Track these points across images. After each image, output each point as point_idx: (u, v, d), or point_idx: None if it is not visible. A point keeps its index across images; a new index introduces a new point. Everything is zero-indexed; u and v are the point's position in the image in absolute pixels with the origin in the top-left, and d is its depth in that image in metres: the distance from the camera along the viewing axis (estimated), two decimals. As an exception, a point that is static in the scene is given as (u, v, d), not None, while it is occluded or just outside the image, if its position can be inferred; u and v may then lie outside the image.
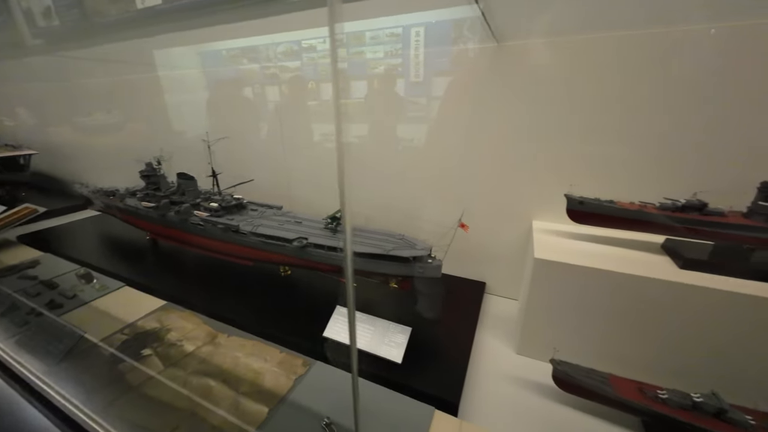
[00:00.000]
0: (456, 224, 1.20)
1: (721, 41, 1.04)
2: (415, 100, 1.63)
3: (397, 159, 1.73)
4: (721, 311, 0.92)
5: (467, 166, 1.57)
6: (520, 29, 1.28)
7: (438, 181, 1.64)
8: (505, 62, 1.33)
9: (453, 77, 1.49)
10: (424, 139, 1.64)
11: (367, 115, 1.77)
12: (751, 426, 0.79)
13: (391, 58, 1.60)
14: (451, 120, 1.54)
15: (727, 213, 0.98)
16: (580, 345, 1.11)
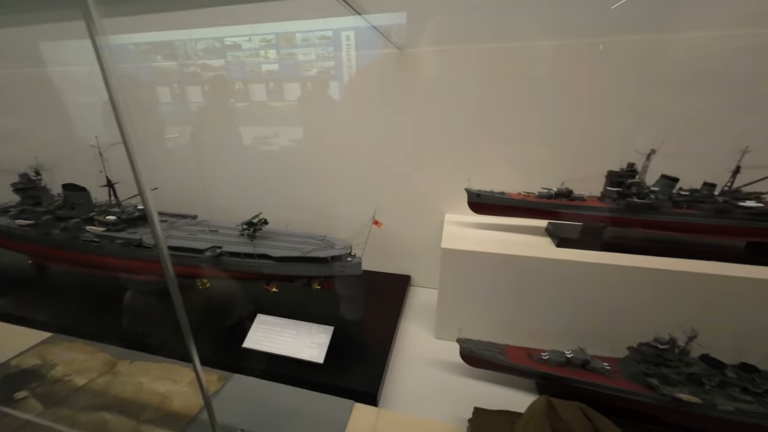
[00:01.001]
0: (370, 222, 1.25)
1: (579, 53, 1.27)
2: (332, 102, 1.66)
3: (317, 160, 1.74)
4: (585, 279, 1.11)
5: (385, 166, 1.64)
6: (419, 37, 1.38)
7: (357, 181, 1.68)
8: (409, 67, 1.43)
9: (366, 80, 1.54)
10: (342, 140, 1.68)
11: (295, 117, 1.75)
12: (607, 371, 0.97)
13: (324, 60, 1.59)
14: (367, 121, 1.60)
15: (587, 198, 1.18)
16: (485, 322, 1.24)
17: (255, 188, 1.84)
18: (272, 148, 1.82)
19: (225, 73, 1.73)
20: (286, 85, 1.67)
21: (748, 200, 1.02)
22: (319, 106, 1.67)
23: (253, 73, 1.69)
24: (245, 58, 1.67)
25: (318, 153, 1.73)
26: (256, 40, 1.63)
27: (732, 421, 0.85)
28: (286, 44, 1.60)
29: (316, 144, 1.73)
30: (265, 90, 1.72)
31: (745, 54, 1.17)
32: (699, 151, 1.16)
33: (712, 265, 1.04)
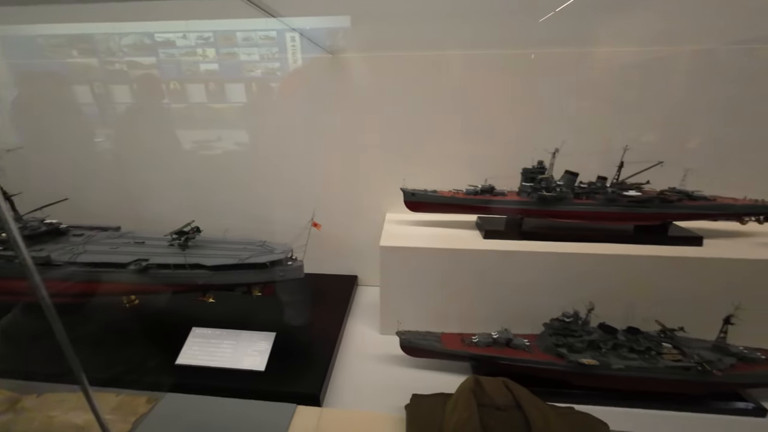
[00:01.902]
0: (309, 224, 1.26)
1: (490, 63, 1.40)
2: (272, 105, 1.63)
3: (257, 164, 1.70)
4: (507, 266, 1.24)
5: (325, 169, 1.65)
6: (354, 43, 1.43)
7: (297, 185, 1.67)
8: (346, 71, 1.46)
9: (305, 83, 1.54)
10: (281, 144, 1.66)
11: (233, 120, 1.67)
12: (527, 346, 1.09)
13: (266, 61, 1.54)
14: (307, 124, 1.59)
15: (507, 193, 1.31)
16: (425, 314, 1.31)
17: (191, 196, 1.73)
18: (209, 152, 1.74)
19: (157, 72, 1.61)
20: (226, 85, 1.60)
21: (631, 190, 1.22)
22: (258, 109, 1.64)
23: (191, 73, 1.60)
24: (181, 57, 1.57)
25: (257, 157, 1.69)
26: (192, 38, 1.55)
27: (623, 377, 1.01)
28: (226, 43, 1.54)
29: (256, 148, 1.69)
30: (204, 90, 1.62)
31: (634, 67, 1.40)
32: (594, 149, 1.35)
33: (607, 246, 1.22)
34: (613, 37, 1.37)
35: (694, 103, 1.41)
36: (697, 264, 1.16)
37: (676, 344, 1.05)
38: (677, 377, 0.99)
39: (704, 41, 1.35)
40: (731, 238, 1.26)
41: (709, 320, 1.08)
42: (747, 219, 1.23)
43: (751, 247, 1.21)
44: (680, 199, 1.21)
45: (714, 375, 0.96)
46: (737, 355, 1.02)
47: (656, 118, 1.44)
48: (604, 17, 1.33)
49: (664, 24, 1.36)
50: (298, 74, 1.53)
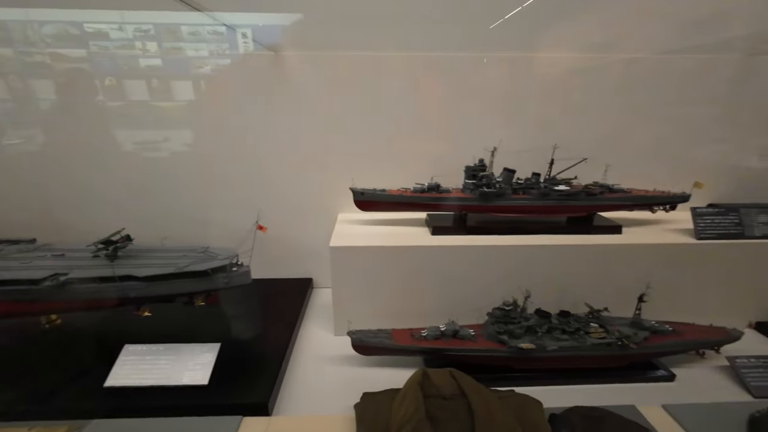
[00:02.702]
0: (254, 227, 1.21)
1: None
2: (216, 104, 1.54)
3: (199, 166, 1.59)
4: (454, 260, 1.29)
5: (275, 170, 1.60)
6: (300, 41, 1.40)
7: (244, 187, 1.60)
8: (296, 69, 1.44)
9: (253, 81, 1.47)
10: (227, 145, 1.58)
11: (174, 119, 1.56)
12: (472, 336, 1.14)
13: (212, 58, 1.45)
14: (255, 124, 1.53)
15: (452, 190, 1.37)
16: (377, 312, 1.32)
17: (125, 202, 1.59)
18: (148, 153, 1.61)
19: (87, 66, 1.46)
20: (163, 83, 1.50)
21: (561, 185, 1.33)
22: (199, 108, 1.53)
23: (129, 68, 1.47)
24: (116, 50, 1.43)
25: (199, 159, 1.59)
26: (129, 30, 1.42)
27: (557, 357, 1.10)
28: (169, 38, 1.43)
29: (197, 149, 1.59)
30: (144, 88, 1.50)
31: (574, 72, 1.54)
32: (532, 147, 1.45)
33: (543, 238, 1.32)
34: (556, 43, 1.49)
35: (618, 106, 1.58)
36: (617, 250, 1.30)
37: (602, 323, 1.17)
38: (602, 353, 1.10)
39: (633, 51, 1.52)
40: (644, 226, 1.43)
41: (629, 299, 1.21)
42: (657, 208, 1.40)
43: (661, 233, 1.38)
44: (602, 192, 1.34)
45: (631, 348, 1.08)
46: (650, 329, 1.15)
47: (589, 118, 1.59)
48: (549, 26, 1.46)
49: (601, 34, 1.52)
50: (240, 72, 1.46)
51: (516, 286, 1.20)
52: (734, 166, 1.72)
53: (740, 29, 1.55)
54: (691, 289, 1.34)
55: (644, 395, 1.11)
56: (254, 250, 1.40)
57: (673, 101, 1.59)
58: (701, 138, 1.66)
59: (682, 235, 1.34)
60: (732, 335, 1.20)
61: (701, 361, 1.23)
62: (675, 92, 1.57)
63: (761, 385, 1.12)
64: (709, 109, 1.62)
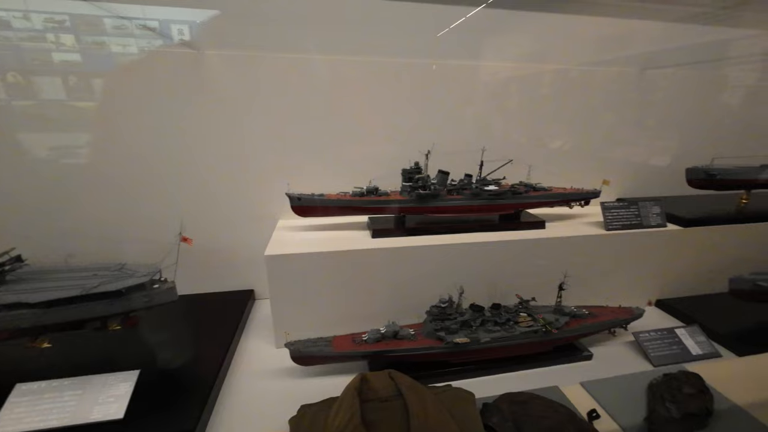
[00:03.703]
0: (177, 239, 1.12)
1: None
2: (139, 107, 1.40)
3: (118, 175, 1.43)
4: (393, 262, 1.30)
5: (205, 178, 1.50)
6: (223, 41, 1.33)
7: (171, 196, 1.48)
8: (229, 70, 1.36)
9: (185, 83, 1.36)
10: (151, 151, 1.44)
11: (88, 122, 1.39)
12: (412, 335, 1.16)
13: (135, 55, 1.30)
14: (184, 131, 1.42)
15: (390, 193, 1.39)
16: (319, 319, 1.29)
17: (20, 218, 1.38)
18: (52, 160, 1.40)
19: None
20: (76, 81, 1.33)
21: (491, 185, 1.42)
22: (120, 110, 1.38)
23: (40, 63, 1.28)
24: (21, 42, 1.25)
25: (118, 167, 1.43)
26: (38, 20, 1.23)
27: (490, 347, 1.16)
28: (88, 30, 1.28)
29: (113, 155, 1.43)
30: (55, 86, 1.31)
31: (512, 80, 1.66)
32: (464, 149, 1.53)
33: (476, 235, 1.39)
34: (497, 53, 1.62)
35: (545, 111, 1.73)
36: (541, 243, 1.41)
37: (530, 312, 1.26)
38: (529, 340, 1.19)
39: (560, 62, 1.69)
40: (564, 220, 1.58)
41: (554, 288, 1.32)
42: (573, 204, 1.55)
43: (577, 226, 1.53)
44: (527, 191, 1.46)
45: (553, 333, 1.18)
46: (570, 314, 1.27)
47: (519, 123, 1.73)
48: (491, 38, 1.58)
49: (534, 46, 1.67)
50: (160, 71, 1.34)
51: (453, 283, 1.24)
52: (641, 164, 1.98)
53: (638, 48, 1.80)
54: (602, 275, 1.51)
55: (567, 375, 1.21)
56: (186, 264, 1.29)
57: (590, 107, 1.78)
58: (613, 140, 1.88)
59: (594, 227, 1.50)
60: (636, 313, 1.37)
61: (613, 339, 1.39)
62: (592, 100, 1.77)
63: (659, 354, 1.29)
64: (620, 114, 1.85)
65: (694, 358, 1.30)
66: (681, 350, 1.32)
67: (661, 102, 1.89)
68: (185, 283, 1.55)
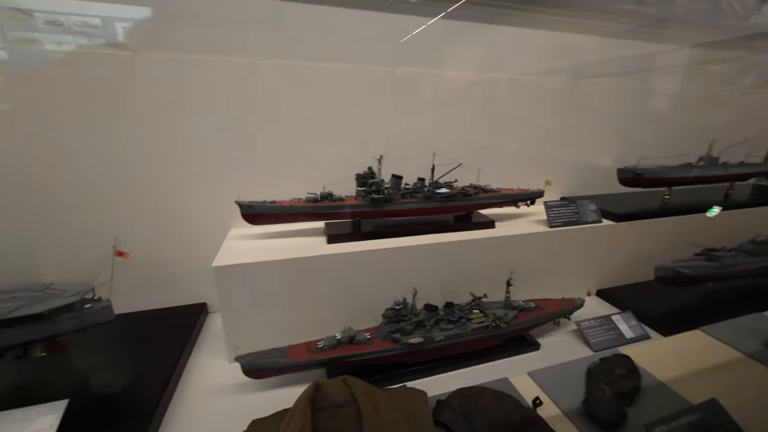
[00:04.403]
0: (111, 253, 1.05)
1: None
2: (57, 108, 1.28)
3: (43, 183, 1.31)
4: (349, 267, 1.30)
5: (148, 186, 1.41)
6: (157, 42, 1.26)
7: (108, 206, 1.38)
8: (173, 73, 1.29)
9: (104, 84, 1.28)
10: (85, 158, 1.33)
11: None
12: (368, 339, 1.17)
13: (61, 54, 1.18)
14: (125, 136, 1.33)
15: (345, 198, 1.40)
16: (274, 330, 1.26)
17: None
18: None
19: None
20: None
21: (443, 188, 1.47)
22: (47, 112, 1.26)
23: None
24: None
25: (46, 174, 1.30)
26: None
27: (444, 345, 1.20)
28: (16, 25, 1.15)
29: (46, 161, 1.30)
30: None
31: (462, 88, 1.73)
32: (417, 154, 1.57)
33: (430, 237, 1.43)
34: (458, 61, 1.69)
35: (498, 117, 1.83)
36: (492, 242, 1.48)
37: (481, 309, 1.32)
38: (481, 335, 1.24)
39: (507, 71, 1.79)
40: (512, 219, 1.67)
41: (504, 284, 1.39)
42: (520, 204, 1.65)
43: (524, 224, 1.62)
44: (477, 192, 1.53)
45: (502, 327, 1.25)
46: (518, 308, 1.35)
47: (474, 128, 1.80)
48: (452, 47, 1.66)
49: (490, 55, 1.76)
50: (88, 73, 1.24)
51: (409, 284, 1.27)
52: (582, 165, 2.13)
53: (575, 59, 1.96)
54: (547, 269, 1.61)
55: (517, 366, 1.28)
56: (127, 279, 1.21)
57: (533, 114, 1.90)
58: (556, 143, 2.02)
59: (539, 225, 1.61)
60: (577, 304, 1.48)
61: (558, 329, 1.49)
62: (536, 106, 1.89)
63: (598, 340, 1.41)
64: (560, 120, 1.99)
65: (628, 341, 1.43)
66: (617, 335, 1.44)
67: (597, 108, 2.06)
68: (127, 300, 1.46)
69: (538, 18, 1.79)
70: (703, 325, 1.45)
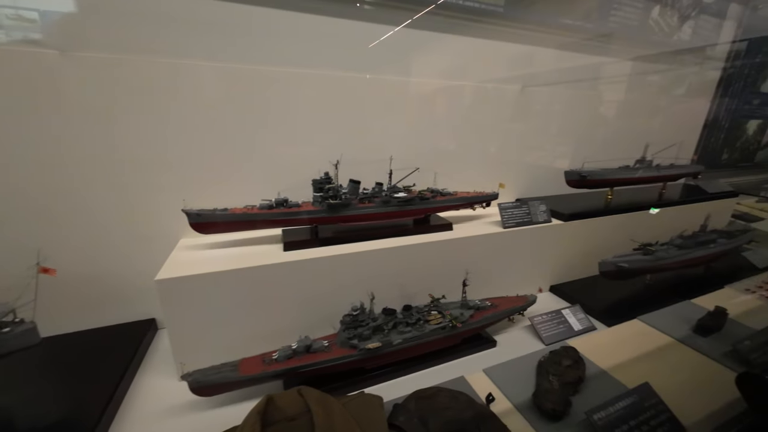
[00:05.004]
0: (34, 270, 0.95)
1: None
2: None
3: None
4: (306, 274, 1.28)
5: (83, 194, 1.30)
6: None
7: (26, 221, 1.26)
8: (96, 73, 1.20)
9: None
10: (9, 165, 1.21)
11: None
12: (326, 347, 1.15)
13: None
14: (55, 137, 1.22)
15: (302, 204, 1.37)
16: (227, 343, 1.20)
17: None
18: None
19: None
20: None
21: (401, 192, 1.49)
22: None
23: None
24: None
25: None
26: None
27: (402, 348, 1.21)
28: None
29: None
30: None
31: (437, 93, 1.78)
32: (376, 159, 1.58)
33: (388, 241, 1.43)
34: (424, 68, 1.74)
35: (452, 124, 1.88)
36: (449, 244, 1.52)
37: (439, 309, 1.34)
38: (439, 336, 1.26)
39: (472, 79, 1.87)
40: (469, 221, 1.73)
41: (461, 285, 1.43)
42: (476, 206, 1.71)
43: (481, 226, 1.68)
44: (434, 196, 1.56)
45: (458, 327, 1.28)
46: (474, 307, 1.39)
47: (431, 133, 1.85)
48: (419, 56, 1.72)
49: (453, 63, 1.82)
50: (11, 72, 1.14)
51: (368, 289, 1.26)
52: (539, 167, 2.25)
53: (527, 69, 2.07)
54: (503, 268, 1.68)
55: (475, 364, 1.30)
56: (60, 298, 1.10)
57: (490, 119, 1.98)
58: (515, 147, 2.12)
59: (494, 226, 1.67)
60: (530, 300, 1.55)
61: (513, 325, 1.55)
62: (492, 112, 1.97)
63: (549, 334, 1.48)
64: (515, 125, 2.09)
65: (576, 333, 1.52)
66: (566, 328, 1.53)
67: (548, 114, 2.20)
68: (61, 320, 1.35)
69: (496, 30, 1.89)
70: (641, 314, 1.59)
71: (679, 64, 2.84)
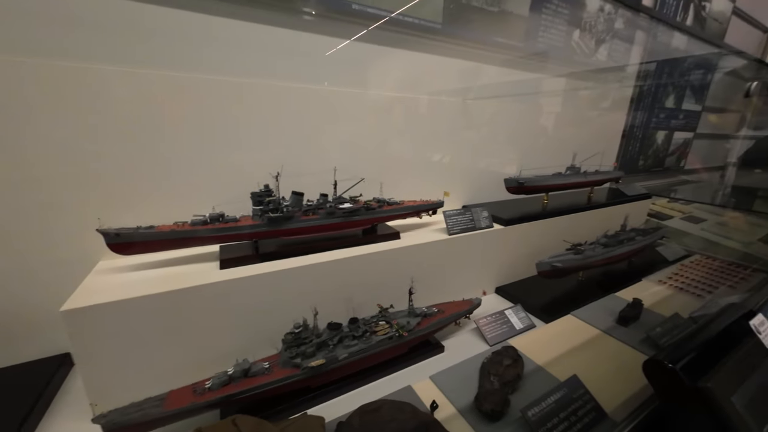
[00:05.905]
0: None
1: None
2: None
3: None
4: (244, 292, 1.21)
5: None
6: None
7: None
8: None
9: None
10: None
11: None
12: (267, 369, 1.09)
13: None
14: None
15: (240, 218, 1.30)
16: (152, 376, 1.09)
17: None
18: None
19: None
20: None
21: (346, 203, 1.48)
22: None
23: None
24: None
25: None
26: None
27: (349, 363, 1.18)
28: None
29: None
30: None
31: (383, 105, 1.80)
32: (321, 170, 1.56)
33: (334, 253, 1.40)
34: (371, 81, 1.77)
35: (400, 135, 1.93)
36: (397, 253, 1.53)
37: (387, 320, 1.34)
38: (386, 346, 1.26)
39: (421, 92, 1.92)
40: (415, 230, 1.76)
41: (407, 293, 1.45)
42: (423, 214, 1.75)
43: (427, 233, 1.72)
44: (381, 206, 1.58)
45: (404, 336, 1.29)
46: (421, 314, 1.41)
47: (377, 144, 1.86)
48: (374, 68, 1.76)
49: (400, 76, 1.86)
50: None
51: (313, 304, 1.23)
52: (484, 174, 2.36)
53: (471, 82, 2.19)
54: (450, 274, 1.74)
55: (423, 371, 1.31)
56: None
57: (435, 130, 2.06)
58: (461, 156, 2.21)
59: (440, 233, 1.72)
60: (475, 303, 1.61)
61: (459, 329, 1.60)
62: (436, 124, 2.05)
63: (494, 335, 1.54)
64: (466, 135, 2.20)
65: (518, 332, 1.60)
66: (509, 328, 1.61)
67: (491, 125, 2.33)
68: None
69: (438, 46, 1.98)
70: (574, 309, 1.72)
71: (601, 81, 3.20)
